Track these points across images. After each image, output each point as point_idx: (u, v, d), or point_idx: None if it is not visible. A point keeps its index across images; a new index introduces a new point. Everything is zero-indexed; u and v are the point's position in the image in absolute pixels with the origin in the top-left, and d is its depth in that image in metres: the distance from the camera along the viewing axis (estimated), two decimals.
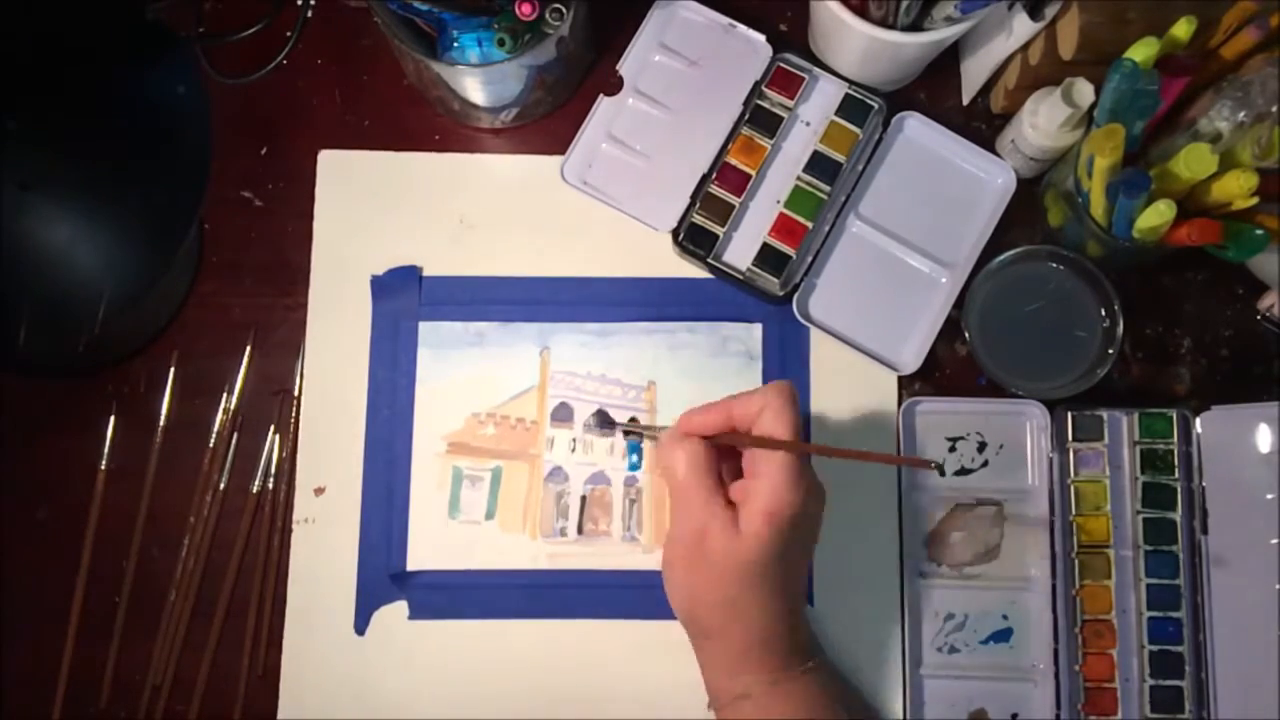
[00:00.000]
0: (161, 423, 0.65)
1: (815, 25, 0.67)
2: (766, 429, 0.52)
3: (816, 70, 0.68)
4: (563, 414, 0.65)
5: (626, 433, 0.64)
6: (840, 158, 0.67)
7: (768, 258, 0.66)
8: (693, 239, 0.66)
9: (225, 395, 0.66)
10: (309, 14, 0.70)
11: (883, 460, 0.54)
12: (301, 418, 0.65)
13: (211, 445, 0.65)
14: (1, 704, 0.63)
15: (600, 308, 0.66)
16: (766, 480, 0.51)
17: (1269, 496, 0.62)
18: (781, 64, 0.67)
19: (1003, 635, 0.63)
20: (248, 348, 0.66)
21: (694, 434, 0.53)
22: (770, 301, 0.66)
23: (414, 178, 0.68)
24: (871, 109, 0.67)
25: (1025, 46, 0.62)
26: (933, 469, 0.51)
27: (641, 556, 0.64)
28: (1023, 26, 0.60)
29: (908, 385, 0.66)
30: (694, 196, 0.66)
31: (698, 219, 0.66)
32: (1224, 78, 0.57)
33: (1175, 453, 0.62)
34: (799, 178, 0.67)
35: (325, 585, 0.63)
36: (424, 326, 0.66)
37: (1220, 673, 0.61)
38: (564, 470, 0.65)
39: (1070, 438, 0.63)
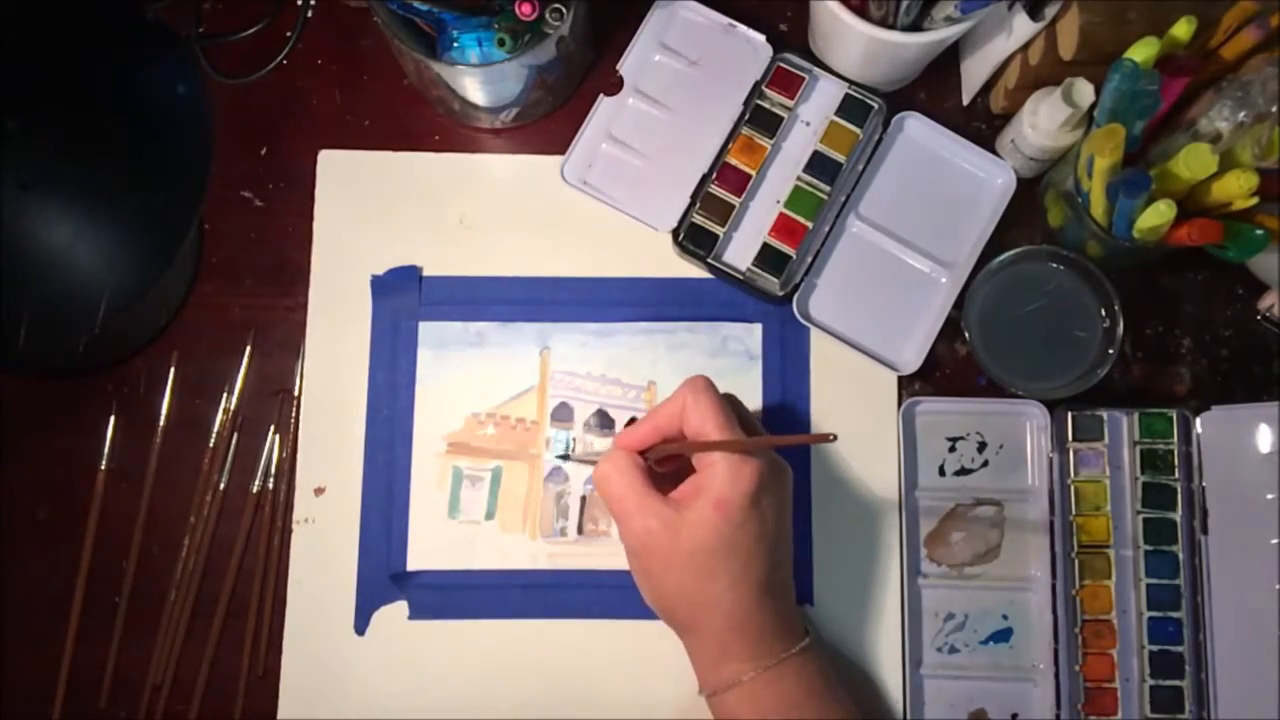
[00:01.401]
0: (161, 423, 0.65)
1: (815, 25, 0.67)
2: (693, 424, 0.53)
3: (816, 70, 0.68)
4: (563, 414, 0.65)
5: (565, 458, 0.64)
6: (840, 158, 0.67)
7: (768, 258, 0.66)
8: (693, 239, 0.66)
9: (225, 395, 0.66)
10: (309, 14, 0.70)
11: (785, 442, 0.55)
12: (301, 418, 0.65)
13: (211, 445, 0.65)
14: (1, 704, 0.63)
15: (600, 308, 0.66)
16: (712, 470, 0.52)
17: (1269, 496, 0.62)
18: (781, 64, 0.67)
19: (1003, 635, 0.63)
20: (248, 348, 0.66)
21: (622, 448, 0.55)
22: (770, 301, 0.66)
23: (414, 178, 0.68)
24: (871, 109, 0.67)
25: (1025, 46, 0.62)
26: (830, 440, 0.51)
27: None
28: (1023, 26, 0.60)
29: (908, 385, 0.66)
30: (694, 196, 0.66)
31: (698, 219, 0.66)
32: (1224, 78, 0.57)
33: (1175, 453, 0.62)
34: (799, 178, 0.67)
35: (325, 585, 0.63)
36: (424, 326, 0.66)
37: (1220, 673, 0.61)
38: (564, 470, 0.65)
39: (1070, 438, 0.63)
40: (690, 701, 0.61)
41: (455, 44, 0.62)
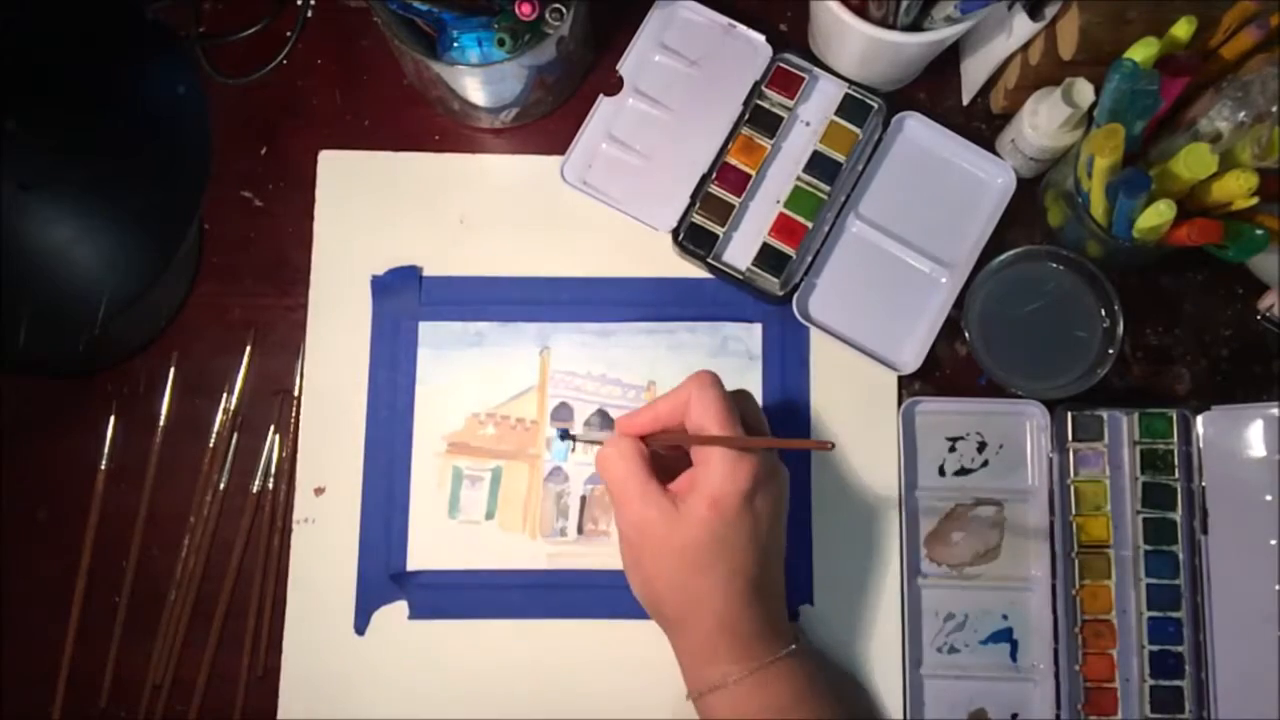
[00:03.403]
0: (161, 423, 0.65)
1: (815, 25, 0.67)
2: (695, 419, 0.53)
3: (816, 70, 0.68)
4: (563, 414, 0.65)
5: (567, 437, 0.64)
6: (840, 158, 0.67)
7: (768, 258, 0.66)
8: (693, 239, 0.66)
9: (225, 395, 0.66)
10: (309, 14, 0.70)
11: (782, 445, 0.55)
12: (301, 418, 0.65)
13: (211, 445, 0.65)
14: (1, 704, 0.63)
15: (600, 308, 0.66)
16: (709, 467, 0.52)
17: (1269, 497, 0.62)
18: (781, 64, 0.67)
19: (1003, 635, 0.63)
20: (248, 348, 0.66)
21: (624, 435, 0.55)
22: (770, 301, 0.66)
23: (414, 178, 0.68)
24: (871, 109, 0.67)
25: (1025, 46, 0.62)
26: (828, 449, 0.53)
27: None
28: (1023, 26, 0.60)
29: (908, 385, 0.66)
30: (694, 196, 0.66)
31: (698, 219, 0.66)
32: (1224, 78, 0.57)
33: (1175, 453, 0.62)
34: (799, 178, 0.67)
35: (325, 585, 0.63)
36: (424, 326, 0.66)
37: (1220, 673, 0.61)
38: (564, 470, 0.65)
39: (1070, 438, 0.63)
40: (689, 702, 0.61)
41: (455, 44, 0.62)
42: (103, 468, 0.65)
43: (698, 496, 0.52)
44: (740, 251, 0.66)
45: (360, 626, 0.63)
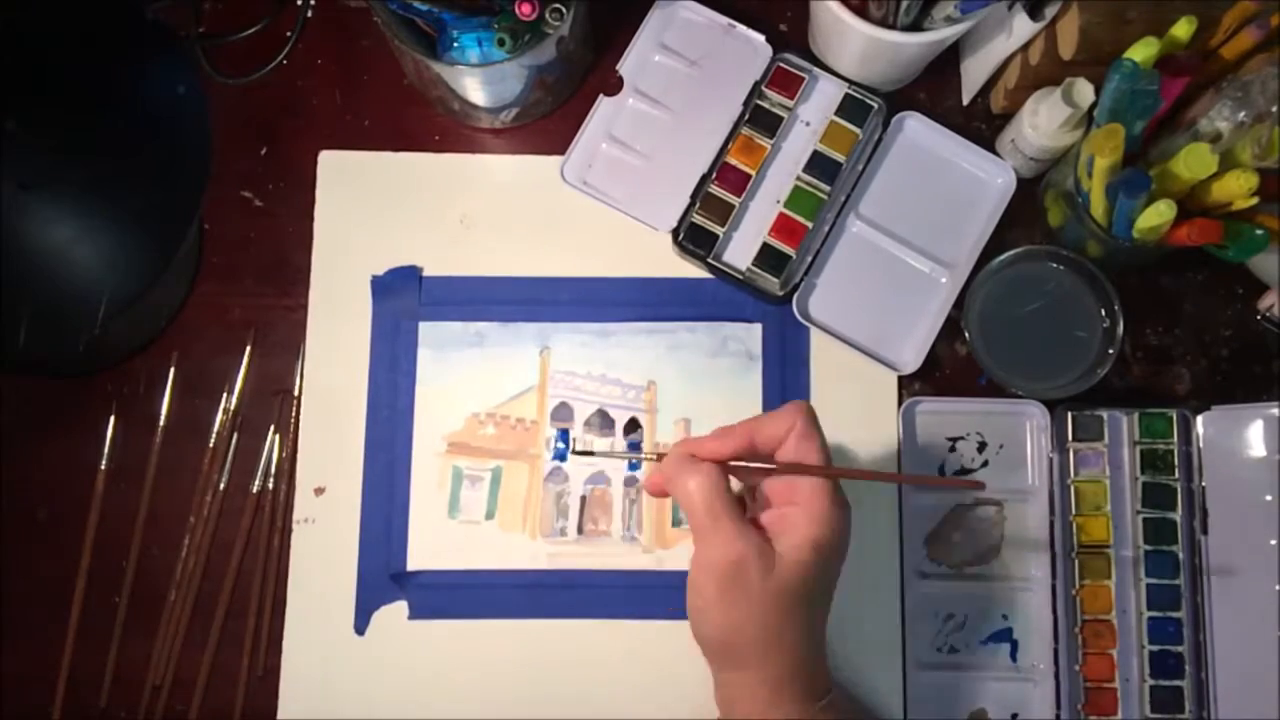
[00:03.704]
0: (161, 423, 0.65)
1: (815, 25, 0.67)
2: (792, 452, 0.50)
3: (816, 70, 0.68)
4: (563, 414, 0.65)
5: (585, 453, 0.64)
6: (840, 158, 0.67)
7: (768, 258, 0.66)
8: (693, 239, 0.66)
9: (225, 395, 0.66)
10: (309, 14, 0.70)
11: (920, 482, 0.51)
12: (301, 418, 0.65)
13: (211, 445, 0.65)
14: (1, 704, 0.63)
15: (600, 308, 0.66)
16: (808, 509, 0.48)
17: (1269, 497, 0.62)
18: (781, 64, 0.67)
19: (1003, 635, 0.63)
20: (248, 348, 0.66)
21: (708, 459, 0.50)
22: (770, 301, 0.66)
23: (414, 178, 0.68)
24: (871, 109, 0.67)
25: (1025, 46, 0.62)
26: (980, 489, 0.50)
27: (641, 556, 0.64)
28: (1023, 26, 0.60)
29: (908, 385, 0.66)
30: (694, 196, 0.66)
31: (698, 219, 0.66)
32: (1224, 78, 0.57)
33: (1175, 453, 0.62)
34: (799, 178, 0.67)
35: (325, 585, 0.63)
36: (424, 326, 0.66)
37: (1220, 673, 0.61)
38: (564, 470, 0.65)
39: (1070, 438, 0.63)
40: (688, 701, 0.61)
41: (455, 44, 0.62)
42: (103, 468, 0.65)
43: (800, 538, 0.48)
44: (740, 251, 0.66)
45: (360, 626, 0.63)
